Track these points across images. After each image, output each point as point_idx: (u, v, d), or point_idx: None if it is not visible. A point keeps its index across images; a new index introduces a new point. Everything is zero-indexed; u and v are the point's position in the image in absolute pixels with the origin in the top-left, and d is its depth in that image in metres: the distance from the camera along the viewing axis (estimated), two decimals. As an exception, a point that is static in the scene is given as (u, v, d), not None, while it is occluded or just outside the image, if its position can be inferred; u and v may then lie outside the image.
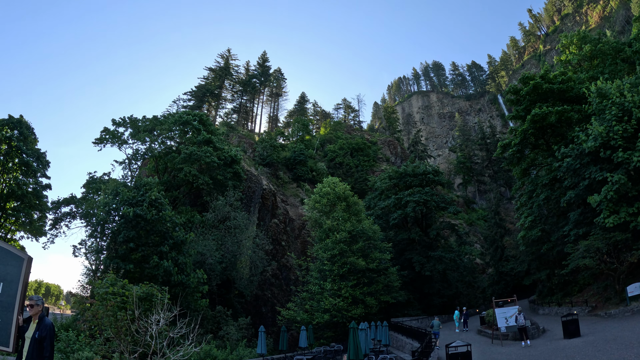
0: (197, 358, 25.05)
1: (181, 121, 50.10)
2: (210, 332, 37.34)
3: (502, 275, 67.96)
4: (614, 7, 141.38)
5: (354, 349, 20.00)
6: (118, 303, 19.79)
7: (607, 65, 48.43)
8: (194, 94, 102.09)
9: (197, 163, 47.77)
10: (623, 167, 28.29)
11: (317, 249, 43.41)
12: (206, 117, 55.96)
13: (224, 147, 51.76)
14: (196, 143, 49.16)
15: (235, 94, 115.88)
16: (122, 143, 48.57)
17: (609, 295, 31.79)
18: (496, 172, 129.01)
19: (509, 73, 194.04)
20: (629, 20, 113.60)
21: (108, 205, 35.38)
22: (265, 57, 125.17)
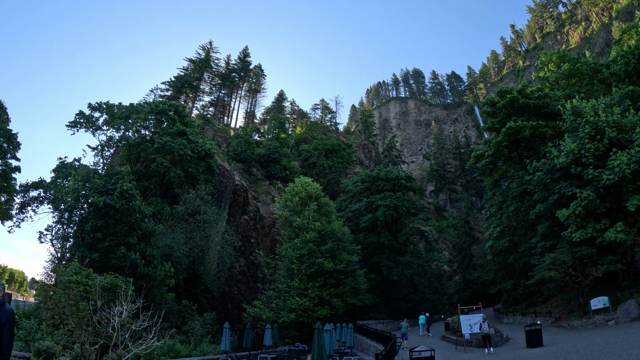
0: (160, 352, 24.51)
1: (157, 110, 49.21)
2: (175, 326, 36.74)
3: (468, 283, 68.91)
4: (595, 29, 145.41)
5: (318, 349, 19.80)
6: (81, 292, 19.25)
7: (583, 84, 49.57)
8: (172, 84, 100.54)
9: (170, 154, 47.01)
10: (592, 184, 28.92)
11: (286, 248, 43.16)
12: (182, 109, 55.13)
13: (198, 140, 51.07)
14: (170, 134, 48.38)
15: (214, 87, 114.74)
16: (97, 129, 47.35)
17: (572, 308, 32.53)
18: (468, 181, 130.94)
19: (487, 85, 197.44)
20: (609, 42, 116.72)
21: (77, 191, 34.45)
22: (247, 52, 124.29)
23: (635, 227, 27.37)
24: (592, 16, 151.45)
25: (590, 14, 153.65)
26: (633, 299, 26.87)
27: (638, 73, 38.80)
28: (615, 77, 40.68)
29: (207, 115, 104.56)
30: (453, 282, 79.67)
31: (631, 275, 30.44)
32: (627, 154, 27.29)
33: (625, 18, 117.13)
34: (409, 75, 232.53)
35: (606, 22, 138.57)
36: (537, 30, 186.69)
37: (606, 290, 30.35)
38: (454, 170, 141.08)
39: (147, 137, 50.07)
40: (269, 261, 47.18)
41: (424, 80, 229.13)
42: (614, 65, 40.89)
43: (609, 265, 28.54)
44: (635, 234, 27.23)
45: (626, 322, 25.53)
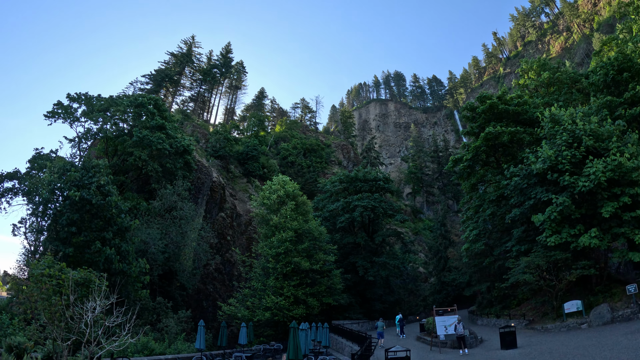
0: (134, 350, 24.07)
1: (136, 103, 48.38)
2: (150, 323, 36.17)
3: (443, 285, 69.58)
4: (576, 39, 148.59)
5: (294, 348, 19.76)
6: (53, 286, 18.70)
7: (562, 93, 50.47)
8: (152, 78, 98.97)
9: (149, 149, 46.29)
10: (568, 191, 29.39)
11: (263, 246, 42.89)
12: (162, 103, 54.24)
13: (177, 135, 50.41)
14: (149, 128, 47.60)
15: (195, 82, 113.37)
16: (74, 120, 46.24)
17: (546, 311, 33.06)
18: (445, 185, 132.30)
19: (467, 91, 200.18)
20: (589, 53, 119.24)
21: (53, 184, 33.62)
22: (229, 49, 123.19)
23: (609, 234, 27.94)
24: (574, 27, 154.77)
25: (571, 24, 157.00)
26: (606, 304, 27.44)
27: (616, 84, 39.64)
28: (594, 87, 41.46)
29: (186, 110, 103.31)
30: (428, 283, 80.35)
31: (604, 280, 31.08)
32: (603, 162, 27.82)
33: (606, 30, 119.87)
34: (390, 77, 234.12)
35: (587, 33, 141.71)
36: (518, 38, 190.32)
37: (579, 295, 30.91)
38: (432, 173, 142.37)
39: (125, 130, 49.21)
40: (245, 259, 46.84)
41: (405, 83, 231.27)
42: (593, 76, 41.65)
43: (582, 270, 29.05)
44: (609, 240, 27.80)
45: (599, 325, 26.05)
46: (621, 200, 27.19)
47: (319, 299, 43.04)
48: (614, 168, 27.30)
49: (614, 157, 27.74)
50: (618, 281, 31.58)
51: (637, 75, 38.76)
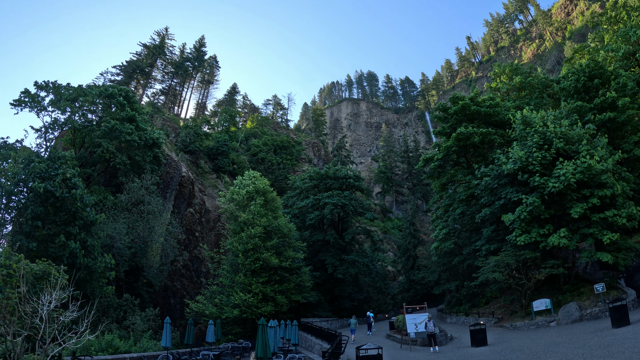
0: (98, 348, 23.15)
1: (106, 94, 46.86)
2: (116, 321, 35.18)
3: (412, 284, 70.02)
4: (548, 47, 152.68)
5: (262, 346, 19.34)
6: (3, 276, 17.70)
7: (533, 97, 51.44)
8: (123, 69, 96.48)
9: (117, 140, 44.92)
10: (538, 191, 29.81)
11: (232, 242, 42.24)
12: (132, 94, 52.70)
13: (146, 128, 49.10)
14: (118, 119, 46.15)
15: (166, 75, 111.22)
16: (42, 109, 44.37)
17: (514, 309, 33.52)
18: (415, 184, 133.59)
19: (439, 93, 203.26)
20: (560, 61, 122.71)
21: (17, 175, 32.16)
22: (203, 42, 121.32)
23: (577, 234, 28.51)
24: (546, 35, 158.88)
25: (544, 32, 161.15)
26: (574, 302, 27.95)
27: (587, 90, 40.72)
28: (565, 92, 42.39)
29: (157, 103, 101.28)
30: (397, 282, 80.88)
31: (572, 279, 31.70)
32: (574, 164, 28.34)
33: (578, 39, 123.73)
34: (363, 77, 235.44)
35: (559, 41, 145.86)
36: (492, 43, 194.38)
37: (547, 293, 31.44)
38: (402, 173, 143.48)
39: (94, 121, 47.58)
40: (214, 255, 46.04)
41: (378, 83, 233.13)
42: (565, 81, 42.62)
43: (551, 269, 29.55)
44: (577, 240, 28.34)
45: (567, 323, 26.50)
46: (590, 202, 27.71)
47: (287, 297, 42.71)
48: (583, 170, 27.80)
49: (583, 159, 28.26)
50: (585, 280, 32.29)
51: (607, 82, 39.92)
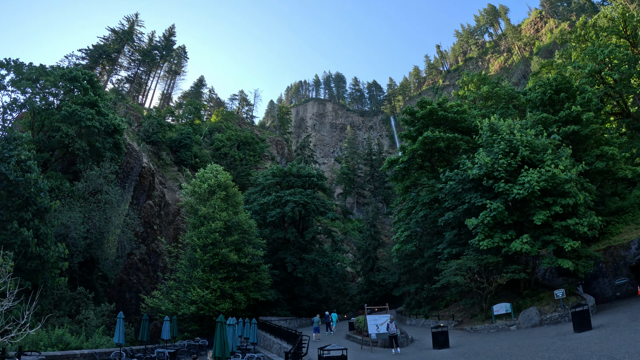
0: (48, 343, 21.79)
1: (69, 76, 44.68)
2: (69, 315, 33.50)
3: (371, 285, 70.23)
4: (516, 61, 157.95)
5: (221, 345, 18.42)
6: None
7: (499, 107, 52.57)
8: (89, 53, 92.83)
9: (77, 125, 42.84)
10: (502, 197, 30.20)
11: (191, 236, 41.09)
12: (97, 79, 50.61)
13: (108, 114, 47.07)
14: (80, 103, 44.09)
15: (133, 62, 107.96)
16: (1, 88, 41.92)
17: (474, 312, 33.90)
18: (377, 187, 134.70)
19: (405, 98, 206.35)
20: (526, 75, 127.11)
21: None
22: (172, 31, 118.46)
23: (539, 240, 28.96)
24: (515, 49, 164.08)
25: (513, 46, 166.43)
26: (534, 307, 28.43)
27: (552, 103, 41.97)
28: (531, 104, 43.53)
29: (122, 91, 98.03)
30: (355, 283, 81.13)
31: (532, 284, 32.31)
32: (538, 173, 28.81)
33: (545, 55, 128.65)
34: (331, 78, 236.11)
35: (527, 56, 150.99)
36: (460, 53, 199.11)
37: (507, 298, 31.91)
38: (364, 175, 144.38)
39: (54, 104, 45.33)
40: (172, 249, 44.72)
41: (345, 85, 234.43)
42: (532, 93, 43.86)
43: (513, 274, 29.98)
44: (539, 246, 28.77)
45: (527, 327, 26.89)
46: (553, 210, 28.24)
47: (246, 294, 42.02)
48: (547, 178, 28.31)
49: (548, 168, 28.78)
50: (545, 286, 33.02)
51: (573, 97, 41.31)
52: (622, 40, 52.91)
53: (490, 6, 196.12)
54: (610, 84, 50.57)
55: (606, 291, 33.00)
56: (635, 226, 35.28)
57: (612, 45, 49.52)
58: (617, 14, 53.06)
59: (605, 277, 33.38)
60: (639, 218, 36.25)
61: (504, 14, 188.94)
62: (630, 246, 32.51)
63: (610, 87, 50.54)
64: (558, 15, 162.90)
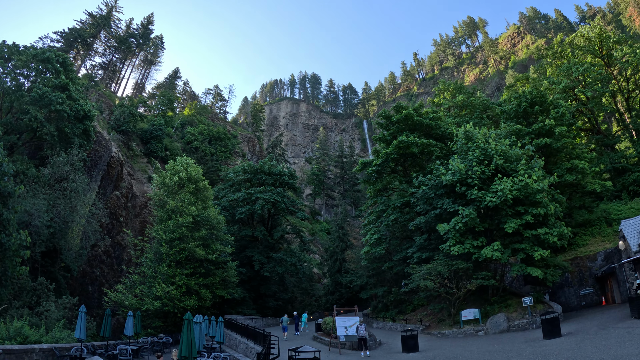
0: (5, 336, 20.65)
1: (42, 57, 43.00)
2: (28, 306, 32.06)
3: (337, 286, 70.21)
4: (491, 73, 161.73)
5: (187, 343, 17.33)
6: None
7: (473, 116, 53.49)
8: (64, 36, 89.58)
9: (47, 109, 41.24)
10: (475, 204, 30.51)
11: (157, 229, 40.07)
12: (70, 63, 48.86)
13: (79, 99, 45.44)
14: (51, 86, 42.44)
15: (108, 49, 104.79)
16: (-30, 65, 40.10)
17: (442, 317, 34.12)
18: (346, 190, 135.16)
19: (379, 103, 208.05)
20: (500, 88, 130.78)
21: None
22: (151, 20, 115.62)
23: (509, 248, 29.35)
24: (491, 62, 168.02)
25: (489, 59, 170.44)
26: (502, 313, 28.79)
27: (526, 115, 43.02)
28: (505, 115, 44.39)
29: (95, 77, 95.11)
30: (321, 284, 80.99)
31: (500, 291, 32.68)
32: (511, 182, 29.18)
33: (520, 70, 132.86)
34: (306, 78, 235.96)
35: (502, 69, 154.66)
36: (437, 62, 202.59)
37: (475, 304, 32.19)
38: (334, 177, 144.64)
39: (25, 85, 43.54)
40: (137, 242, 43.57)
41: (320, 86, 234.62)
42: (507, 104, 44.84)
43: (482, 280, 30.28)
44: (509, 254, 29.15)
45: (495, 333, 27.17)
46: (524, 219, 28.63)
47: (212, 291, 41.33)
48: (520, 188, 28.71)
49: (521, 177, 29.20)
50: (512, 293, 33.49)
51: (546, 111, 42.40)
52: (597, 60, 54.60)
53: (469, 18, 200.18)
54: (583, 100, 52.17)
55: (571, 300, 33.86)
56: (602, 239, 36.33)
57: (588, 63, 51.10)
58: (594, 34, 54.63)
59: (571, 286, 34.27)
60: (605, 231, 37.34)
61: (482, 26, 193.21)
62: (596, 257, 33.43)
63: (582, 104, 52.14)
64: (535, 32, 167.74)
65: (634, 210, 37.49)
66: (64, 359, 19.35)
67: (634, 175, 45.52)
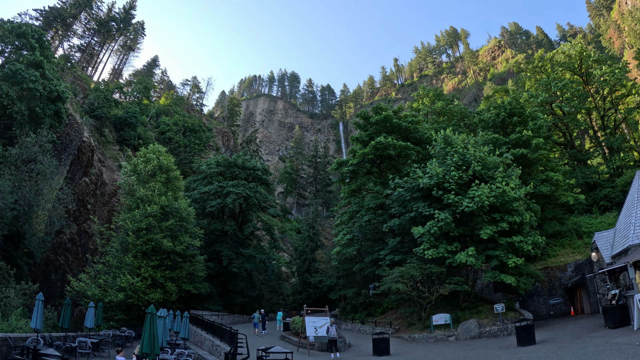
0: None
1: (18, 31, 41.08)
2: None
3: (306, 286, 69.58)
4: (469, 84, 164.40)
5: (149, 339, 15.51)
6: None
7: (451, 123, 53.89)
8: (44, 15, 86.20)
9: (19, 86, 39.30)
10: (451, 209, 30.35)
11: (125, 218, 38.76)
12: (47, 41, 46.91)
13: (53, 79, 43.52)
14: (25, 63, 40.55)
15: (88, 31, 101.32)
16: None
17: (412, 321, 33.87)
18: (318, 190, 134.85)
19: (356, 106, 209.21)
20: (477, 98, 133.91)
21: None
22: (133, 5, 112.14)
23: (483, 254, 29.30)
24: (470, 73, 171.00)
25: (468, 70, 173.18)
26: (474, 319, 28.68)
27: (504, 125, 43.41)
28: (483, 124, 44.73)
29: (72, 58, 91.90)
30: (289, 283, 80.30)
31: (471, 297, 32.66)
32: (489, 188, 29.11)
33: (498, 82, 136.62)
34: (285, 76, 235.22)
35: (480, 81, 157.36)
36: (417, 69, 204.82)
37: (445, 309, 32.09)
38: (307, 177, 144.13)
39: (-1, 60, 41.54)
40: (104, 230, 42.01)
41: (299, 85, 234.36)
42: (486, 113, 45.26)
43: (456, 285, 30.12)
44: (482, 260, 29.07)
45: (466, 339, 27.00)
46: (500, 226, 28.63)
47: (178, 285, 40.18)
48: (497, 195, 28.68)
49: (499, 185, 29.15)
50: (483, 300, 33.53)
51: (524, 122, 42.73)
52: (575, 77, 55.75)
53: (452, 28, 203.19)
54: (559, 115, 53.10)
55: (540, 309, 34.13)
56: (572, 250, 36.79)
57: (567, 79, 51.92)
58: (575, 51, 55.69)
59: (541, 295, 34.56)
60: (575, 243, 37.87)
61: (464, 37, 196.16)
62: (566, 268, 33.78)
63: (559, 118, 53.02)
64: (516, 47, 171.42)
65: (605, 224, 38.06)
66: (17, 349, 18.13)
67: (605, 191, 46.45)
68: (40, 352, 17.79)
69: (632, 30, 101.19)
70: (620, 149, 51.97)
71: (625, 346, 15.13)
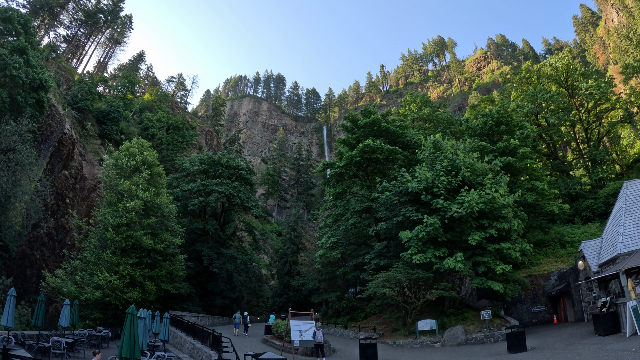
0: None
1: (4, 16, 39.92)
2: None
3: (286, 289, 68.87)
4: (454, 92, 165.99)
5: (129, 341, 14.49)
6: None
7: (437, 130, 53.78)
8: (31, 2, 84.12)
9: (2, 72, 37.99)
10: (439, 214, 30.16)
11: (105, 213, 37.40)
12: (33, 27, 45.60)
13: (37, 67, 42.25)
14: (9, 49, 39.26)
15: (75, 22, 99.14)
16: None
17: (396, 326, 33.52)
18: (300, 193, 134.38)
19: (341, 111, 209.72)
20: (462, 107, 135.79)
21: None
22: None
23: (470, 261, 29.14)
24: (455, 82, 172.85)
25: (454, 79, 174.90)
26: (460, 325, 28.46)
27: (491, 133, 43.79)
28: (470, 131, 44.96)
29: (57, 48, 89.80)
30: (269, 286, 79.54)
31: (457, 303, 32.51)
32: (478, 194, 29.02)
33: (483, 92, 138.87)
34: (271, 78, 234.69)
35: (465, 90, 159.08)
36: (403, 77, 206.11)
37: (430, 314, 31.84)
38: (289, 179, 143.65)
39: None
40: (83, 225, 40.66)
41: (285, 87, 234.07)
42: (473, 121, 45.60)
43: (443, 291, 29.96)
44: (470, 266, 28.91)
45: (453, 345, 26.73)
46: (488, 232, 28.54)
47: (157, 284, 38.90)
48: (486, 201, 28.62)
49: (488, 191, 29.07)
50: (468, 306, 33.43)
51: (511, 131, 43.01)
52: (561, 89, 56.64)
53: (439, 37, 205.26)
54: (544, 126, 53.61)
55: (524, 317, 34.18)
56: (555, 259, 37.00)
57: (553, 91, 52.52)
58: (561, 64, 56.55)
59: (524, 303, 34.61)
60: (558, 252, 38.10)
61: (451, 47, 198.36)
62: (550, 277, 33.89)
63: (543, 129, 53.52)
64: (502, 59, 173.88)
65: (587, 234, 38.40)
66: (-14, 348, 16.91)
67: (587, 202, 46.93)
68: (10, 352, 16.57)
69: (618, 47, 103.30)
70: (603, 161, 52.82)
71: (622, 352, 15.05)
